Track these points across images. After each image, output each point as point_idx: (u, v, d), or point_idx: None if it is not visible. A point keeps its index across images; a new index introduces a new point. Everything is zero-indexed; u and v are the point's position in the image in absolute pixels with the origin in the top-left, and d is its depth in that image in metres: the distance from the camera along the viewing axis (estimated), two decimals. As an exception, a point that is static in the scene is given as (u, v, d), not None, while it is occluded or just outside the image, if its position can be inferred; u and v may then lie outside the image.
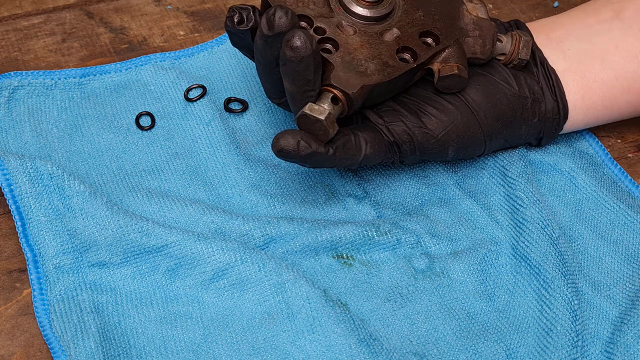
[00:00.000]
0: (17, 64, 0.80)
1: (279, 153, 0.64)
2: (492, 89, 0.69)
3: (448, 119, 0.68)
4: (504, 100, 0.70)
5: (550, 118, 0.71)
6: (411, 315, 0.65)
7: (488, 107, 0.69)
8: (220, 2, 0.87)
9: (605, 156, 0.76)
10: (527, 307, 0.66)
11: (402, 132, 0.68)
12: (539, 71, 0.71)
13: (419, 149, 0.69)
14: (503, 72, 0.70)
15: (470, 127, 0.69)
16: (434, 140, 0.68)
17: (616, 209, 0.72)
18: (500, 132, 0.70)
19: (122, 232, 0.66)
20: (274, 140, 0.64)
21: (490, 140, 0.70)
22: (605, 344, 0.64)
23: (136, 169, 0.73)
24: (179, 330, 0.64)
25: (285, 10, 0.63)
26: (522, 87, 0.70)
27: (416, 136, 0.68)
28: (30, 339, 0.63)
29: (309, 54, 0.62)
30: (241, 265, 0.65)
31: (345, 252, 0.68)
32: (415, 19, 0.68)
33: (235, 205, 0.71)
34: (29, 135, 0.74)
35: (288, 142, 0.64)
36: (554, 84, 0.71)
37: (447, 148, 0.69)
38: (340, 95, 0.64)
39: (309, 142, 0.64)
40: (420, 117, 0.68)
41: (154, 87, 0.78)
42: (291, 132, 0.64)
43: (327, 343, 0.62)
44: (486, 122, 0.69)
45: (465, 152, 0.70)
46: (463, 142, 0.69)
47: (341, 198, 0.72)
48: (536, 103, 0.70)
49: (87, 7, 0.86)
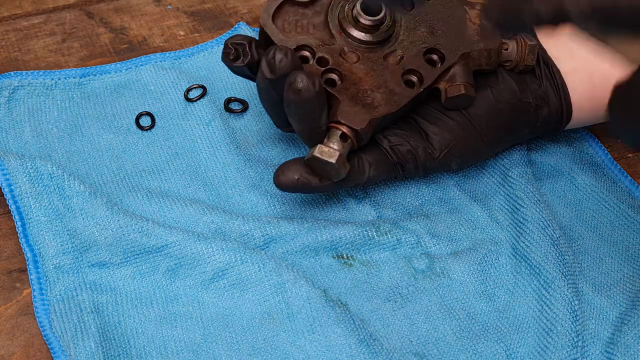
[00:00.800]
0: (17, 64, 0.80)
1: (279, 187, 0.66)
2: (494, 100, 0.69)
3: (450, 136, 0.68)
4: (506, 109, 0.69)
5: (554, 120, 0.71)
6: (411, 315, 0.65)
7: (490, 118, 0.69)
8: (220, 2, 0.87)
9: (605, 156, 0.76)
10: (528, 307, 0.66)
11: (406, 152, 0.68)
12: (542, 72, 0.71)
13: (422, 167, 0.69)
14: (506, 80, 0.70)
15: (473, 140, 0.69)
16: (436, 157, 0.68)
17: (616, 210, 0.72)
18: (503, 139, 0.70)
19: (122, 232, 0.66)
20: (275, 176, 0.66)
21: (492, 148, 0.70)
22: (606, 344, 0.64)
23: (136, 169, 0.73)
24: (179, 330, 0.63)
25: (284, 51, 0.62)
26: (525, 93, 0.70)
27: (419, 156, 0.68)
28: (30, 339, 0.63)
29: (312, 96, 0.62)
30: (241, 266, 0.65)
31: (345, 252, 0.68)
32: (419, 36, 0.68)
33: (236, 205, 0.71)
34: (29, 135, 0.74)
35: (287, 178, 0.65)
36: (559, 86, 0.70)
37: (449, 163, 0.69)
38: (349, 132, 0.64)
39: (309, 178, 0.65)
40: (423, 136, 0.68)
41: (154, 87, 0.78)
42: (292, 166, 0.65)
43: (327, 343, 0.62)
44: (488, 132, 0.69)
45: (469, 162, 0.71)
46: (466, 155, 0.69)
47: (341, 198, 0.72)
48: (539, 108, 0.70)
49: (87, 7, 0.86)
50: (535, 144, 0.76)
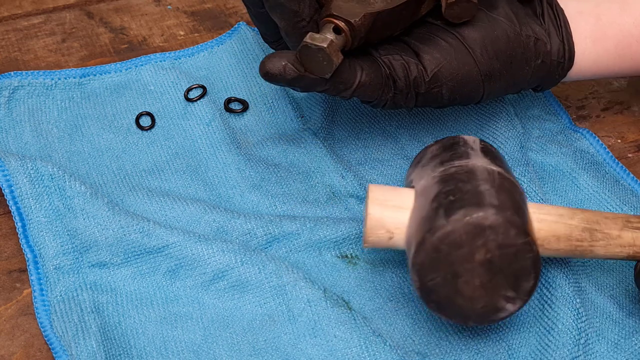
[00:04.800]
0: (17, 64, 0.80)
1: (265, 76, 0.63)
2: (490, 26, 0.67)
3: (441, 55, 0.66)
4: (503, 38, 0.67)
5: (555, 61, 0.69)
6: (414, 315, 0.65)
7: (485, 44, 0.67)
8: (220, 2, 0.87)
9: (607, 155, 0.75)
10: (529, 306, 0.66)
11: (399, 65, 0.66)
12: (544, 11, 0.69)
13: (413, 85, 0.66)
14: (504, 8, 0.68)
15: (465, 64, 0.67)
16: (426, 77, 0.66)
17: (619, 212, 0.72)
18: (500, 72, 0.68)
19: (122, 233, 0.66)
20: (261, 63, 0.63)
21: (488, 81, 0.68)
22: (613, 345, 0.64)
23: (136, 169, 0.72)
24: (180, 331, 0.63)
25: None
26: (524, 25, 0.68)
27: (411, 71, 0.66)
28: (31, 339, 0.63)
29: None
30: (241, 267, 0.65)
31: (349, 251, 0.68)
32: None
33: (236, 205, 0.70)
34: (29, 136, 0.74)
35: (274, 65, 0.62)
36: (561, 24, 0.68)
37: (440, 87, 0.67)
38: (343, 25, 0.62)
39: (296, 65, 0.62)
40: (416, 53, 0.67)
41: (154, 87, 0.78)
42: (279, 54, 0.63)
43: (329, 347, 0.62)
44: (483, 60, 0.67)
45: (462, 93, 0.68)
46: (457, 80, 0.67)
47: (342, 198, 0.72)
48: (540, 43, 0.68)
49: (87, 7, 0.86)
50: (536, 144, 0.76)
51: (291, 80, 0.63)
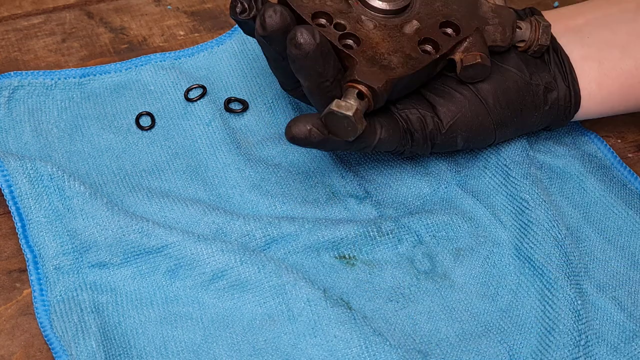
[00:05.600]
0: (17, 64, 0.80)
1: (291, 140, 0.64)
2: (502, 77, 0.69)
3: (456, 108, 0.68)
4: (513, 88, 0.69)
5: (563, 106, 0.71)
6: (414, 316, 0.65)
7: (497, 95, 0.69)
8: (220, 2, 0.87)
9: (614, 159, 0.76)
10: (530, 307, 0.66)
11: (415, 119, 0.68)
12: (550, 58, 0.71)
13: (429, 137, 0.68)
14: (514, 59, 0.70)
15: (479, 115, 0.69)
16: (442, 129, 0.68)
17: (624, 215, 0.72)
18: (511, 119, 0.70)
19: (122, 233, 0.66)
20: (287, 127, 0.64)
21: (500, 129, 0.70)
22: (613, 348, 0.64)
23: (136, 169, 0.72)
24: (179, 331, 0.63)
25: (274, 8, 0.63)
26: (533, 75, 0.70)
27: (428, 124, 0.68)
28: (30, 339, 0.63)
29: (314, 48, 0.62)
30: (240, 267, 0.65)
31: (347, 252, 0.68)
32: (434, 10, 0.68)
33: (236, 205, 0.70)
34: (29, 136, 0.74)
35: (300, 130, 0.64)
36: (567, 71, 0.70)
37: (455, 137, 0.69)
38: (366, 91, 0.64)
39: (321, 128, 0.64)
40: (431, 107, 0.68)
41: (154, 87, 0.78)
42: (304, 118, 0.64)
43: (329, 347, 0.62)
44: (495, 110, 0.69)
45: (476, 141, 0.70)
46: (472, 130, 0.69)
47: (342, 198, 0.72)
48: (548, 91, 0.70)
49: (87, 7, 0.86)
50: (544, 146, 0.76)
51: (316, 144, 0.65)
